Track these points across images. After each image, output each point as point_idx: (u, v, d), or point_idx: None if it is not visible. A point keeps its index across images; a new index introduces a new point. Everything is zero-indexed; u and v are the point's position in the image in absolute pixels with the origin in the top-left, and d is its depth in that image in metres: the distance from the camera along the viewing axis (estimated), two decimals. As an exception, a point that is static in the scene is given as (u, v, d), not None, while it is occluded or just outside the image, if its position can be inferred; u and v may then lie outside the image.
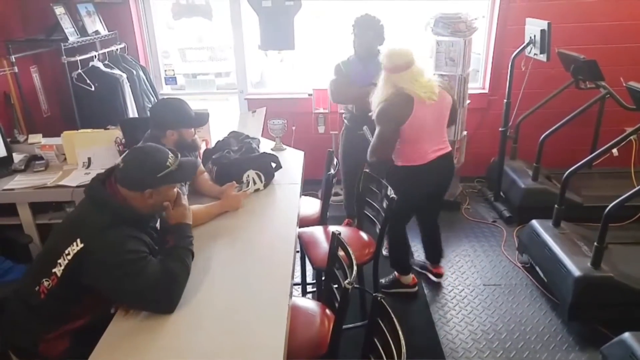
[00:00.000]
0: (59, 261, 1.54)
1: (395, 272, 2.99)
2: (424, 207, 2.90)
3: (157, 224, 1.77)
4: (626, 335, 2.05)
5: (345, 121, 3.37)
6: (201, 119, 2.29)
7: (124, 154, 1.70)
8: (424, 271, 3.16)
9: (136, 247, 1.55)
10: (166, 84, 4.41)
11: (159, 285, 1.53)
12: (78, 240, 1.52)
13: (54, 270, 1.55)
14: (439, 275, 3.11)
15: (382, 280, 2.94)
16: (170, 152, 1.70)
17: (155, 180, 1.63)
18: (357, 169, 3.34)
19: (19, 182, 2.71)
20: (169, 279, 1.55)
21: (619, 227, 3.06)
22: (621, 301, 2.49)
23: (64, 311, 1.60)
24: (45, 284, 1.57)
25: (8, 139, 3.05)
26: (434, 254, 3.11)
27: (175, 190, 1.76)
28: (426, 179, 2.65)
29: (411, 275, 2.99)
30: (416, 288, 2.99)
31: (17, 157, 2.94)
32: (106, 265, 1.51)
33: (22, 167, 2.86)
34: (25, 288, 1.64)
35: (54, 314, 1.60)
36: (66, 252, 1.53)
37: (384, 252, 3.16)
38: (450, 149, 2.71)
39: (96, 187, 1.64)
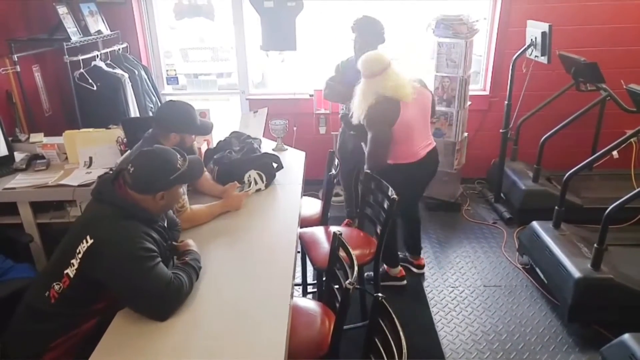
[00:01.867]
0: (72, 261, 1.55)
1: (385, 265, 3.01)
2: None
3: (165, 223, 1.78)
4: (626, 336, 2.06)
5: (342, 122, 3.38)
6: (205, 129, 2.32)
7: (133, 158, 1.70)
8: (405, 264, 3.19)
9: (147, 245, 1.55)
10: (168, 84, 4.42)
11: (164, 290, 1.52)
12: (88, 237, 1.53)
13: (66, 271, 1.55)
14: (421, 266, 3.19)
15: (369, 273, 2.88)
16: (177, 153, 1.70)
17: (168, 182, 1.65)
18: (352, 170, 3.37)
19: (20, 181, 2.71)
20: (175, 288, 1.55)
21: (619, 229, 3.06)
22: (621, 303, 2.50)
23: (73, 314, 1.60)
24: (56, 287, 1.57)
25: (10, 138, 3.05)
26: (415, 246, 3.18)
27: (181, 190, 1.77)
28: (418, 175, 2.78)
29: (399, 268, 3.04)
30: (404, 281, 3.03)
31: (18, 156, 2.94)
32: (116, 256, 1.51)
33: (24, 166, 2.86)
34: (34, 295, 1.64)
35: (63, 319, 1.59)
36: (77, 250, 1.54)
37: None
38: (435, 144, 2.83)
39: (105, 189, 1.64)
